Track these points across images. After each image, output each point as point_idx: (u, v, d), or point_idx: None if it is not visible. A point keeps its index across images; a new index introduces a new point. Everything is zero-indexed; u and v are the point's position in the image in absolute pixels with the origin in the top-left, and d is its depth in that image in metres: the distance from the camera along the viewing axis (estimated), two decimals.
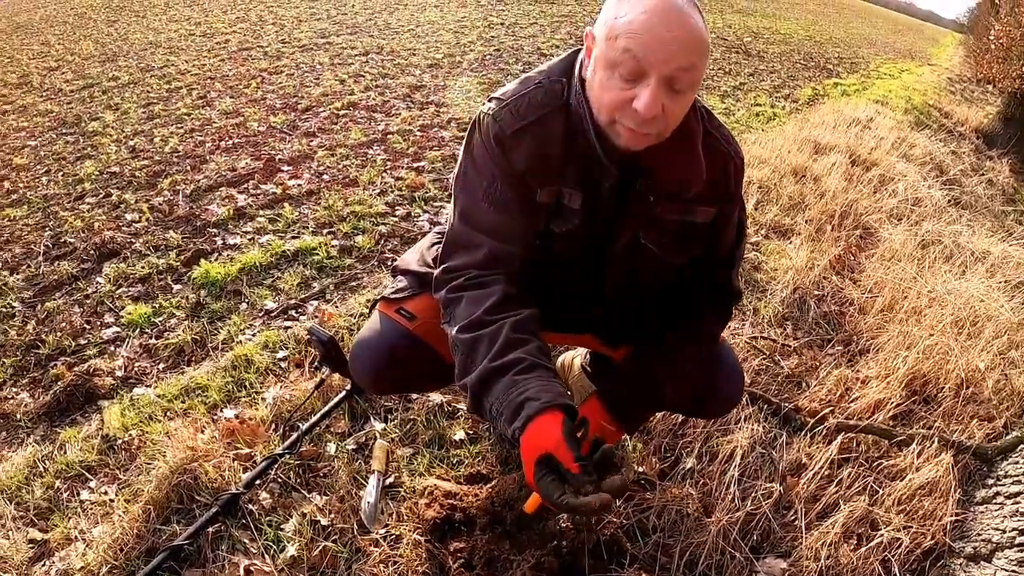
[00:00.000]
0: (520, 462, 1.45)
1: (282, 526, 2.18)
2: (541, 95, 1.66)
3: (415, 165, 5.69)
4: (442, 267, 1.73)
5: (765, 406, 2.76)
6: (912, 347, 3.02)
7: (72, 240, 4.61)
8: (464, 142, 1.75)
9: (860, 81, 12.04)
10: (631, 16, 1.42)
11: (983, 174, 7.59)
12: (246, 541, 2.13)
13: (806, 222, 4.36)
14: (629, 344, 1.95)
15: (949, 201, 5.87)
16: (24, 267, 4.40)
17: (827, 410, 2.72)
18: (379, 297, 2.04)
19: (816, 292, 3.63)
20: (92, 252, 4.39)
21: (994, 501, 2.28)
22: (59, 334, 3.61)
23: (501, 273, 1.65)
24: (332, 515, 2.21)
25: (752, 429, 2.56)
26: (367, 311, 3.25)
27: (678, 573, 2.05)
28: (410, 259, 2.07)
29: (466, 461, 2.45)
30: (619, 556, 2.07)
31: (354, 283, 3.86)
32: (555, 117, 1.64)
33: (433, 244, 2.05)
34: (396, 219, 4.69)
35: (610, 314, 1.92)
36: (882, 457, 2.54)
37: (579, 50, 1.68)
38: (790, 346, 3.21)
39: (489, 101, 1.71)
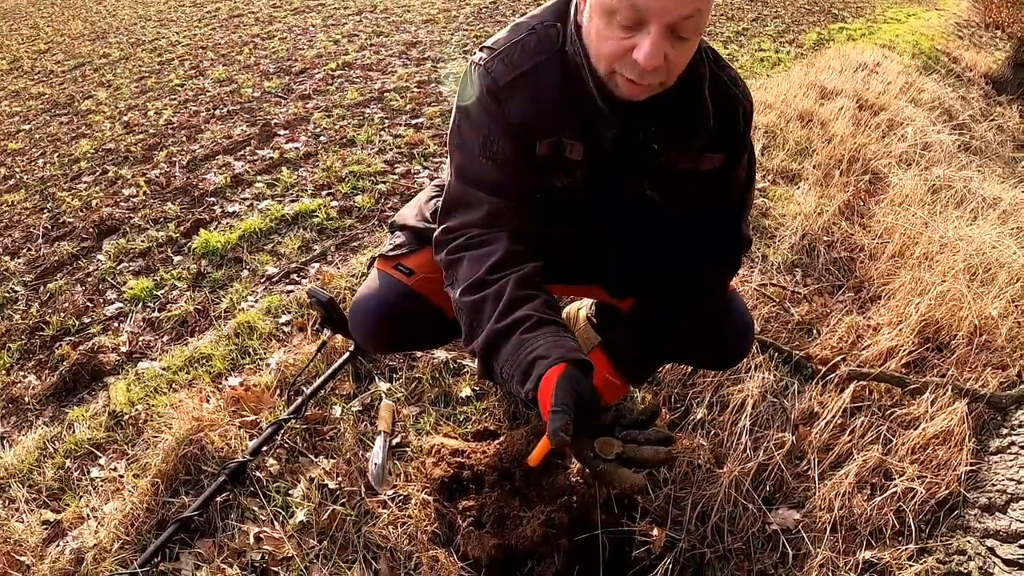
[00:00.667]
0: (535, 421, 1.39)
1: (290, 492, 2.16)
2: (535, 42, 1.56)
3: (413, 122, 5.59)
4: (442, 227, 1.65)
5: (776, 354, 2.69)
6: (924, 294, 2.93)
7: (71, 220, 4.57)
8: (456, 96, 1.66)
9: (866, 26, 11.69)
10: None
11: (993, 120, 7.39)
12: (255, 508, 2.12)
13: (814, 167, 4.25)
14: (636, 295, 1.87)
15: (959, 147, 5.71)
16: (24, 250, 4.37)
17: (839, 358, 2.65)
18: (377, 255, 1.98)
19: (825, 238, 3.55)
20: (91, 230, 4.35)
21: (1008, 451, 2.21)
22: (63, 314, 3.58)
23: (502, 230, 1.57)
24: (340, 478, 2.18)
25: (763, 378, 2.50)
26: (366, 270, 3.19)
27: (690, 526, 2.01)
28: (407, 214, 2.02)
29: (473, 418, 2.42)
30: (630, 510, 2.04)
31: (355, 243, 3.81)
32: (550, 65, 1.55)
33: (431, 198, 2.00)
34: (396, 177, 4.61)
35: (617, 265, 1.84)
36: (895, 406, 2.47)
37: None
38: (800, 293, 3.14)
39: (480, 51, 1.62)
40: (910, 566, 1.86)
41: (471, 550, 1.87)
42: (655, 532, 1.97)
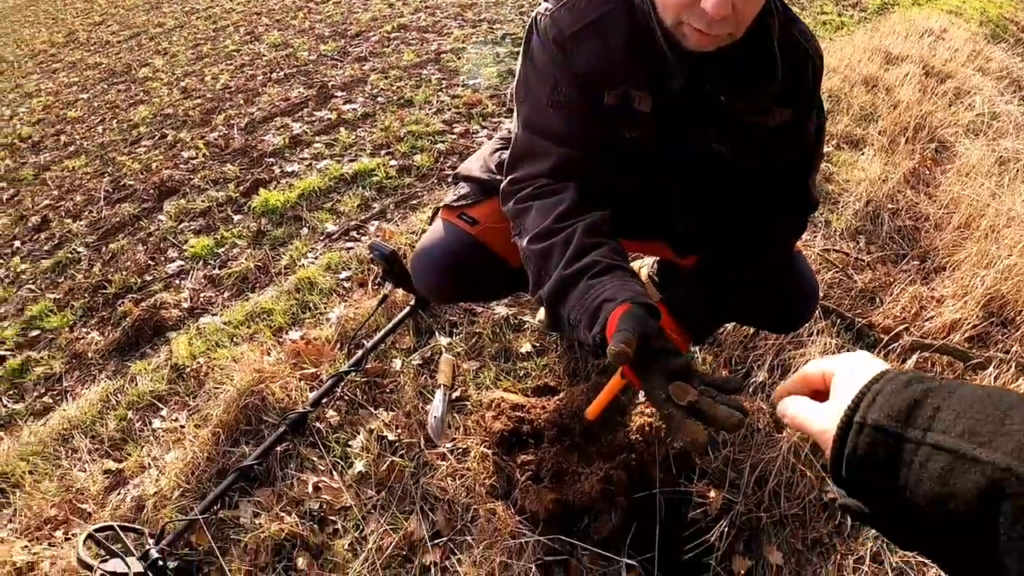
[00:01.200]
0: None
1: (349, 443, 2.12)
2: None
3: (470, 83, 5.49)
4: (509, 179, 1.61)
5: (838, 320, 2.55)
6: (990, 267, 2.76)
7: (131, 183, 4.60)
8: (522, 48, 1.61)
9: None
10: None
11: None
12: (314, 459, 2.09)
13: (879, 133, 4.04)
14: (700, 253, 1.79)
15: None
16: (86, 213, 4.41)
17: (901, 328, 2.50)
18: (440, 205, 1.93)
19: (890, 205, 3.37)
20: (152, 192, 4.36)
21: None
22: (125, 273, 3.59)
23: (570, 180, 1.53)
24: (399, 430, 2.14)
25: (825, 343, 2.37)
26: (429, 222, 3.13)
27: (747, 489, 1.91)
28: (472, 165, 1.96)
29: (533, 374, 2.34)
30: (688, 470, 1.96)
31: (414, 201, 3.74)
32: (617, 15, 1.48)
33: (496, 150, 1.94)
34: (454, 136, 4.52)
35: (683, 219, 1.77)
36: (957, 380, 2.32)
37: None
38: (863, 260, 2.99)
39: (545, 0, 1.56)
40: None
41: (529, 504, 1.84)
42: (712, 494, 1.89)
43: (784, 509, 1.88)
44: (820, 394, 0.83)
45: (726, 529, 1.79)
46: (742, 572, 1.77)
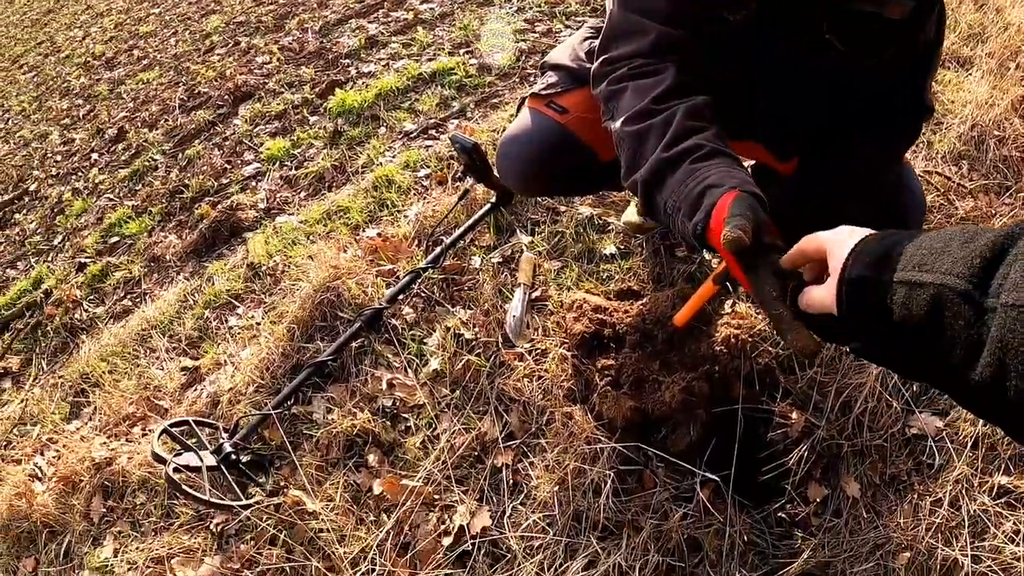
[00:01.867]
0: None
1: (425, 340, 2.04)
2: None
3: None
4: (601, 59, 1.46)
5: None
6: None
7: (205, 90, 4.53)
8: None
9: None
10: None
11: None
12: (389, 356, 2.01)
13: (987, 55, 3.69)
14: (802, 156, 1.68)
15: None
16: (162, 122, 4.38)
17: None
18: (528, 94, 1.82)
19: (996, 133, 3.07)
20: (226, 98, 4.28)
21: None
22: (201, 177, 3.54)
23: (671, 61, 1.38)
24: (476, 328, 2.04)
25: None
26: (515, 112, 2.98)
27: (831, 414, 1.77)
28: (561, 54, 1.84)
29: (616, 276, 2.19)
30: (772, 388, 1.82)
31: (495, 100, 3.54)
32: None
33: (586, 38, 1.82)
34: (536, 35, 4.28)
35: (787, 120, 1.61)
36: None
37: None
38: (965, 187, 2.75)
39: None
40: None
41: (607, 410, 1.75)
42: (794, 416, 1.76)
43: (866, 439, 1.74)
44: (815, 264, 0.97)
45: (805, 454, 1.67)
46: (817, 500, 1.66)
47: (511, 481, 1.72)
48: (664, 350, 1.84)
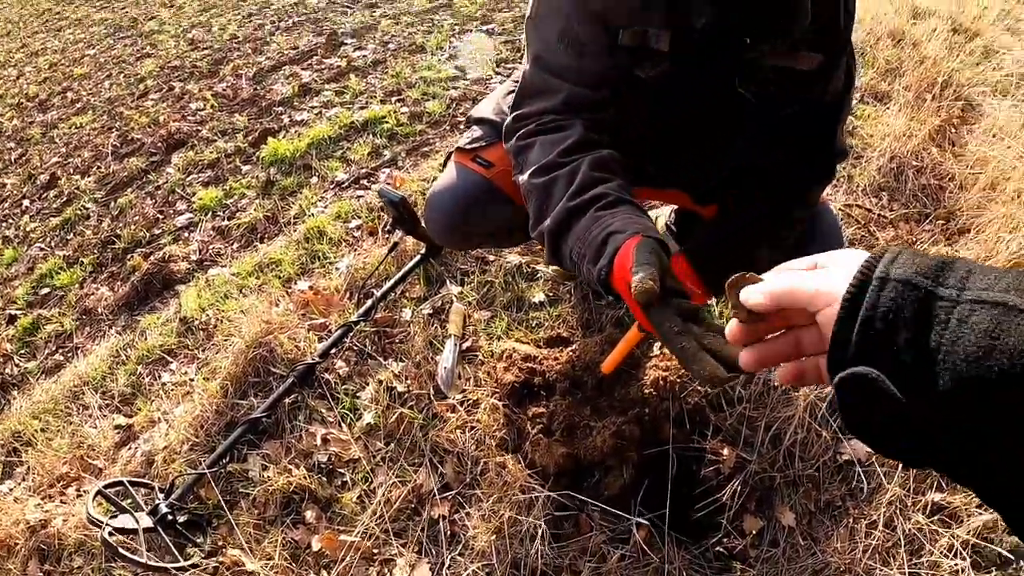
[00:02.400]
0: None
1: (358, 394, 2.08)
2: None
3: (484, 28, 5.34)
4: (513, 115, 1.53)
5: None
6: (1016, 231, 2.65)
7: (139, 136, 4.53)
8: None
9: None
10: None
11: None
12: (323, 410, 2.05)
13: (904, 89, 3.91)
14: (721, 201, 1.74)
15: None
16: (95, 169, 4.37)
17: None
18: (454, 148, 1.88)
19: (914, 163, 3.25)
20: (160, 145, 4.30)
21: None
22: (133, 227, 3.55)
23: (580, 117, 1.45)
24: (408, 381, 2.09)
25: None
26: (441, 166, 3.05)
27: (762, 448, 1.85)
28: (485, 108, 1.90)
29: (546, 324, 2.27)
30: (702, 427, 1.90)
31: (426, 148, 3.64)
32: None
33: (509, 92, 1.86)
34: (467, 83, 4.40)
35: (704, 165, 1.70)
36: None
37: None
38: (886, 217, 2.90)
39: None
40: (979, 513, 1.70)
41: (539, 458, 1.81)
42: (726, 451, 1.84)
43: (798, 469, 1.83)
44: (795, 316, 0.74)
45: (739, 488, 1.75)
46: (753, 532, 1.73)
47: (449, 532, 1.76)
48: (594, 396, 1.91)
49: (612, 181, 1.35)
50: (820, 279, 0.66)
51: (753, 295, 0.72)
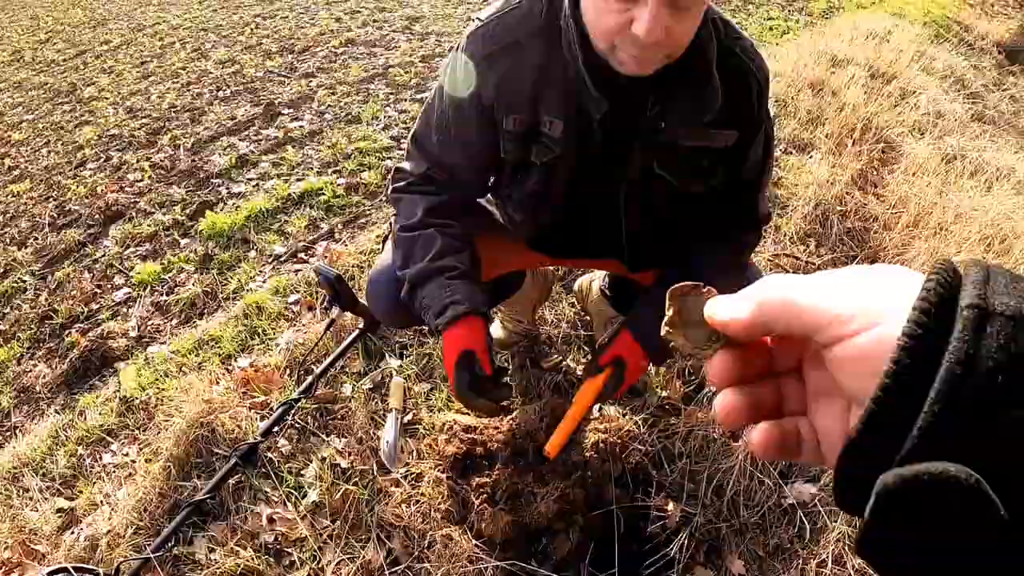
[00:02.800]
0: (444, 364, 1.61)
1: (302, 472, 2.13)
2: (519, 17, 1.50)
3: (419, 97, 5.51)
4: (396, 167, 1.76)
5: None
6: None
7: (76, 207, 4.54)
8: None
9: None
10: None
11: (1006, 89, 7.13)
12: (267, 490, 2.09)
13: (826, 136, 4.12)
14: (652, 268, 1.85)
15: (972, 116, 5.53)
16: (31, 240, 4.35)
17: None
18: (390, 230, 1.93)
19: (839, 208, 3.44)
20: (97, 216, 4.32)
21: None
22: (71, 302, 3.56)
23: (440, 190, 1.70)
24: (352, 457, 2.15)
25: None
26: (379, 246, 3.15)
27: (705, 500, 1.96)
28: None
29: None
30: (645, 484, 2.00)
31: (363, 220, 3.76)
32: (533, 41, 1.48)
33: None
34: (402, 152, 4.53)
35: (631, 241, 1.78)
36: None
37: None
38: (814, 263, 3.05)
39: (472, 22, 1.57)
40: None
41: (485, 528, 1.86)
42: (670, 507, 1.93)
43: (744, 517, 1.93)
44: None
45: (686, 541, 1.83)
46: None
47: None
48: (536, 463, 1.97)
49: (463, 253, 1.63)
50: (830, 292, 0.43)
51: (731, 308, 0.47)
